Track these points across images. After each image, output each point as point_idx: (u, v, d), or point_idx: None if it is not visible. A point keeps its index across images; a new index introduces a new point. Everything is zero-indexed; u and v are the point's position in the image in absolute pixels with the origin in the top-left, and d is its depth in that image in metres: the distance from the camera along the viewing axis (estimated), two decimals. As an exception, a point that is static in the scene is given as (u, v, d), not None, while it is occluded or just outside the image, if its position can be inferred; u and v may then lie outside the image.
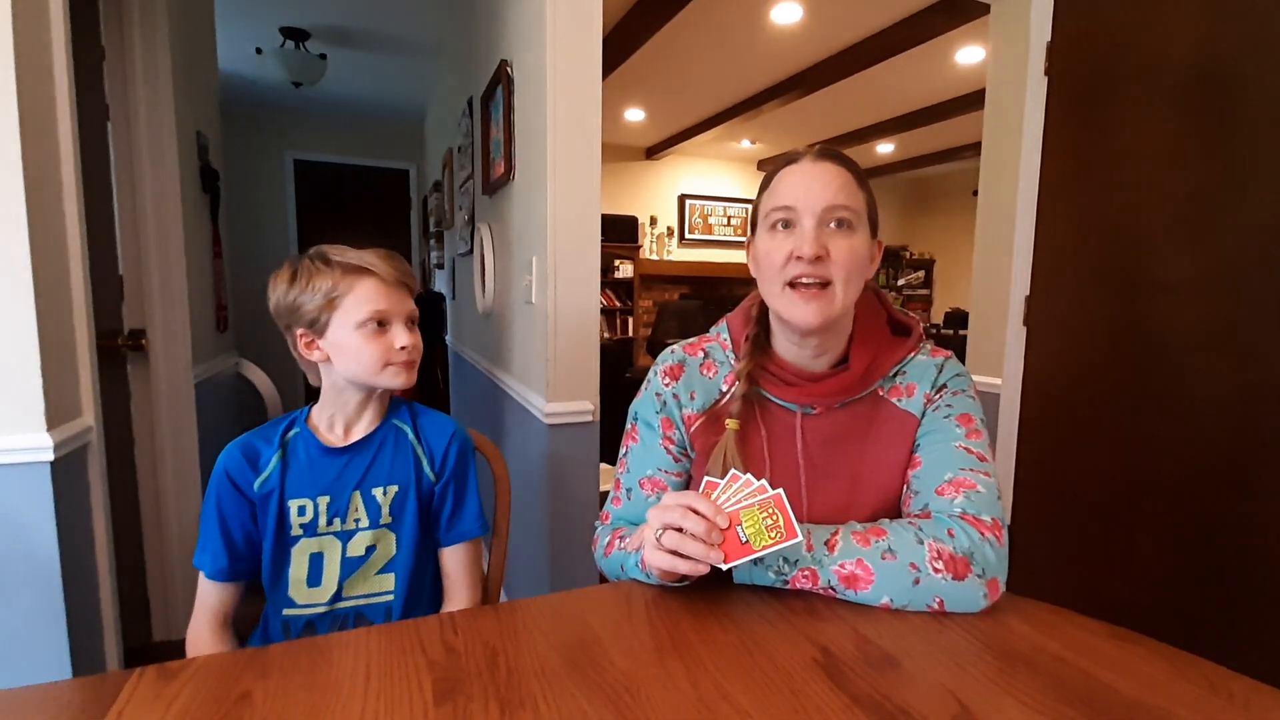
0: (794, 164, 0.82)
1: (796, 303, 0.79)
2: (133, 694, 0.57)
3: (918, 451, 0.81)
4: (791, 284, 0.79)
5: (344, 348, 0.90)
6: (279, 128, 4.86)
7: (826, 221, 0.78)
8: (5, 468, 1.10)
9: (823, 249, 0.77)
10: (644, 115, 4.90)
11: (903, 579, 0.70)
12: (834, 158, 0.81)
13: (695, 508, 0.68)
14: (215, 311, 2.35)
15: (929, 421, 0.82)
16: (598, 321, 1.60)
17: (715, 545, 0.67)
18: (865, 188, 0.82)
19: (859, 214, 0.79)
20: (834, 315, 0.79)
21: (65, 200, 1.21)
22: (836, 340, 0.85)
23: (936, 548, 0.71)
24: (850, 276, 0.78)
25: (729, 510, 0.69)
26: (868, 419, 0.84)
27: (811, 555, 0.73)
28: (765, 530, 0.67)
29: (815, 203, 0.78)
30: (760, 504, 0.68)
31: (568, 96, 1.52)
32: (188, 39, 2.05)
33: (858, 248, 0.79)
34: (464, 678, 0.60)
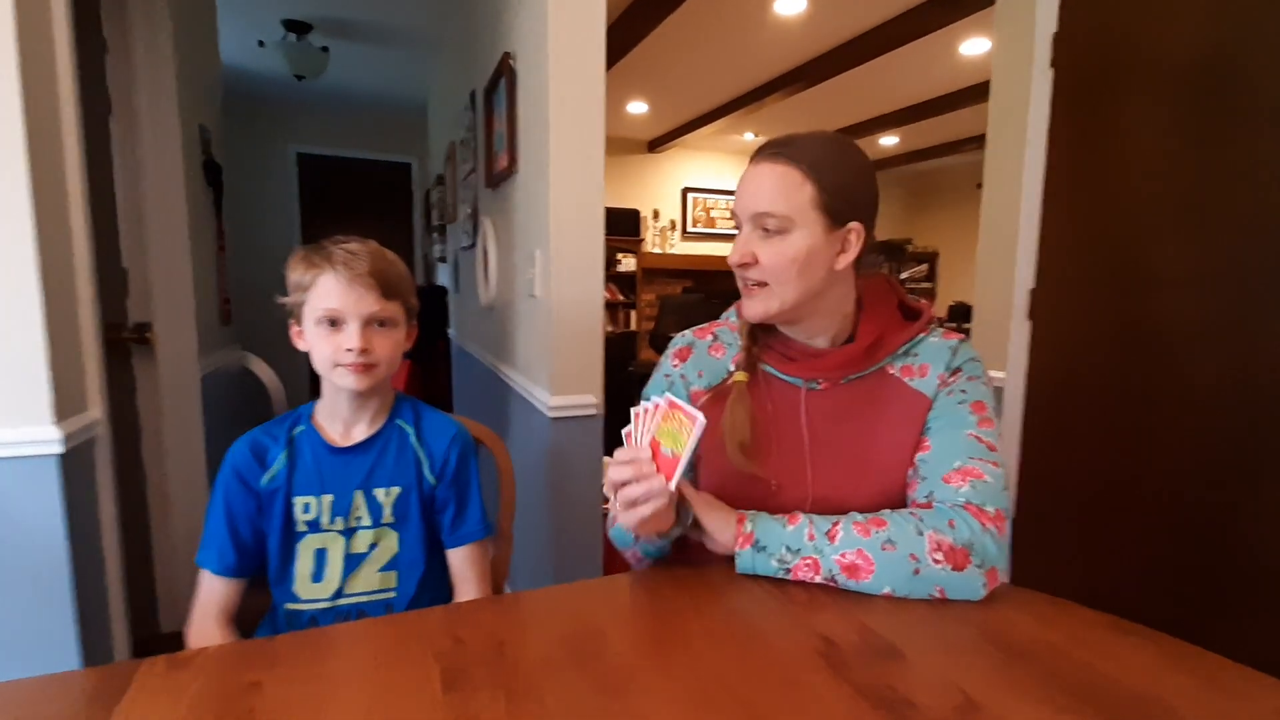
0: (749, 165, 0.84)
1: (743, 299, 0.85)
2: (144, 683, 0.58)
3: (928, 435, 0.81)
4: (741, 281, 0.85)
5: (311, 342, 0.90)
6: (282, 121, 4.85)
7: (759, 227, 0.80)
8: (14, 460, 1.11)
9: (750, 257, 0.80)
10: (646, 108, 4.88)
11: (903, 569, 0.71)
12: (774, 156, 0.80)
13: (618, 459, 0.72)
14: (220, 305, 2.36)
15: (941, 405, 0.82)
16: (601, 314, 1.60)
17: (651, 475, 0.70)
18: (817, 180, 0.78)
19: (793, 216, 0.78)
20: (776, 310, 0.82)
21: (70, 194, 1.21)
22: (826, 323, 0.86)
23: (937, 539, 0.72)
24: (783, 278, 0.80)
25: (647, 442, 0.71)
26: (876, 396, 0.84)
27: (813, 544, 0.74)
28: (678, 435, 0.69)
29: (746, 209, 0.81)
30: (664, 418, 0.70)
31: (571, 89, 1.51)
32: (190, 31, 2.05)
33: (789, 250, 0.79)
34: (471, 667, 0.60)
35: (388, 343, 0.92)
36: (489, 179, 2.21)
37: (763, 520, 0.77)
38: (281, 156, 4.90)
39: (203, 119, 2.17)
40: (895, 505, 0.80)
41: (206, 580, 0.90)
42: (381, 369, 0.92)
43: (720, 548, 0.78)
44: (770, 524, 0.76)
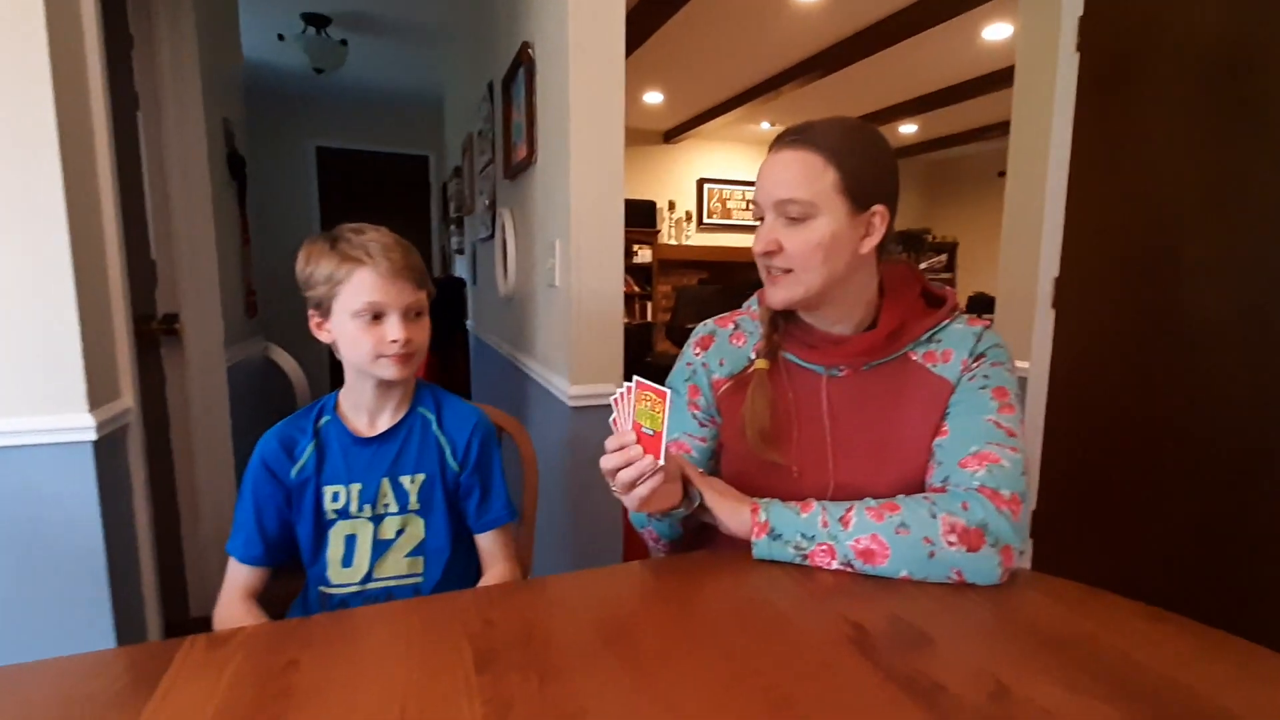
0: (768, 153, 0.83)
1: (766, 286, 0.85)
2: (186, 660, 0.60)
3: (947, 420, 0.81)
4: (764, 269, 0.84)
5: (343, 335, 0.91)
6: (301, 115, 4.89)
7: (781, 214, 0.80)
8: (51, 447, 1.13)
9: (774, 245, 0.80)
10: (662, 98, 4.86)
11: (918, 552, 0.72)
12: (794, 142, 0.80)
13: (607, 447, 0.73)
14: (244, 297, 2.39)
15: (963, 390, 0.82)
16: (621, 304, 1.60)
17: (638, 457, 0.71)
18: (839, 165, 0.78)
19: (816, 202, 0.78)
20: (801, 297, 0.81)
21: (101, 187, 1.24)
22: (848, 310, 0.86)
23: (950, 521, 0.72)
24: (808, 264, 0.79)
25: (630, 426, 0.72)
26: (898, 382, 0.84)
27: (827, 531, 0.74)
28: (652, 414, 0.70)
29: (768, 197, 0.81)
30: (637, 399, 0.71)
31: (590, 78, 1.51)
32: (212, 25, 2.07)
33: (814, 236, 0.78)
34: (502, 649, 0.61)
35: (422, 331, 0.94)
36: (507, 170, 2.21)
37: (776, 508, 0.77)
38: (301, 150, 4.95)
39: (226, 112, 2.20)
40: (916, 491, 0.79)
41: (233, 566, 0.92)
42: (418, 356, 0.94)
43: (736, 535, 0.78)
44: (784, 511, 0.77)
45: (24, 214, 1.09)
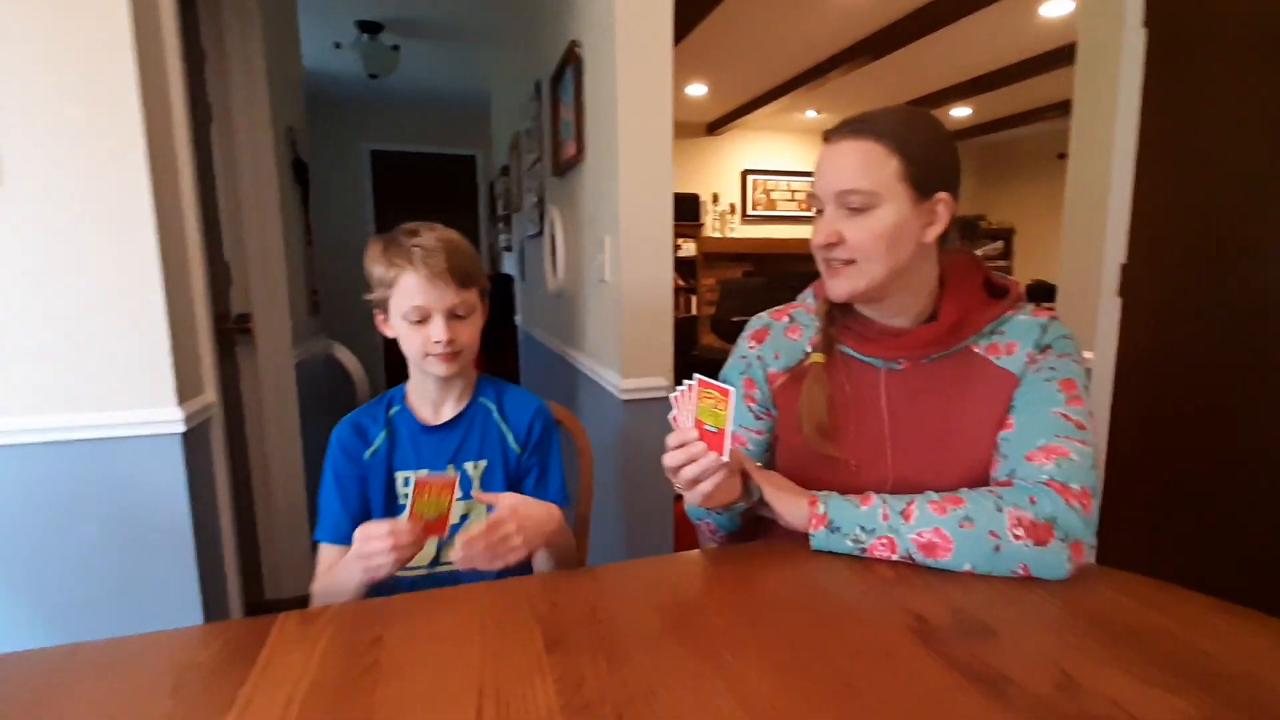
0: (824, 145, 0.83)
1: (827, 280, 0.84)
2: (281, 634, 0.64)
3: (1012, 413, 0.80)
4: (824, 261, 0.83)
5: (398, 333, 0.96)
6: (355, 120, 5.07)
7: (842, 205, 0.79)
8: (145, 439, 1.23)
9: (836, 236, 0.79)
10: (706, 90, 4.83)
11: (983, 546, 0.71)
12: (852, 132, 0.79)
13: (669, 445, 0.74)
14: (309, 296, 2.50)
15: (1029, 383, 0.80)
16: (671, 298, 1.62)
17: (702, 453, 0.72)
18: (902, 152, 0.77)
19: (879, 191, 0.77)
20: (864, 288, 0.81)
21: (183, 196, 1.32)
22: (909, 301, 0.85)
23: (1017, 514, 0.71)
24: (872, 255, 0.79)
25: (692, 423, 0.73)
26: (960, 375, 0.83)
27: (888, 524, 0.74)
28: (715, 411, 0.71)
29: (828, 188, 0.80)
30: (700, 397, 0.72)
31: (638, 75, 1.53)
32: (276, 37, 2.17)
33: (878, 226, 0.78)
34: (569, 631, 0.64)
35: (468, 329, 0.97)
36: (556, 167, 2.25)
37: (835, 500, 0.77)
38: (356, 153, 5.12)
39: (290, 120, 2.30)
40: (978, 486, 0.78)
41: (324, 550, 0.97)
42: (466, 354, 0.98)
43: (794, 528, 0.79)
44: (843, 504, 0.77)
45: (118, 224, 1.18)
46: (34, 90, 1.11)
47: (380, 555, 0.77)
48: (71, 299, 1.17)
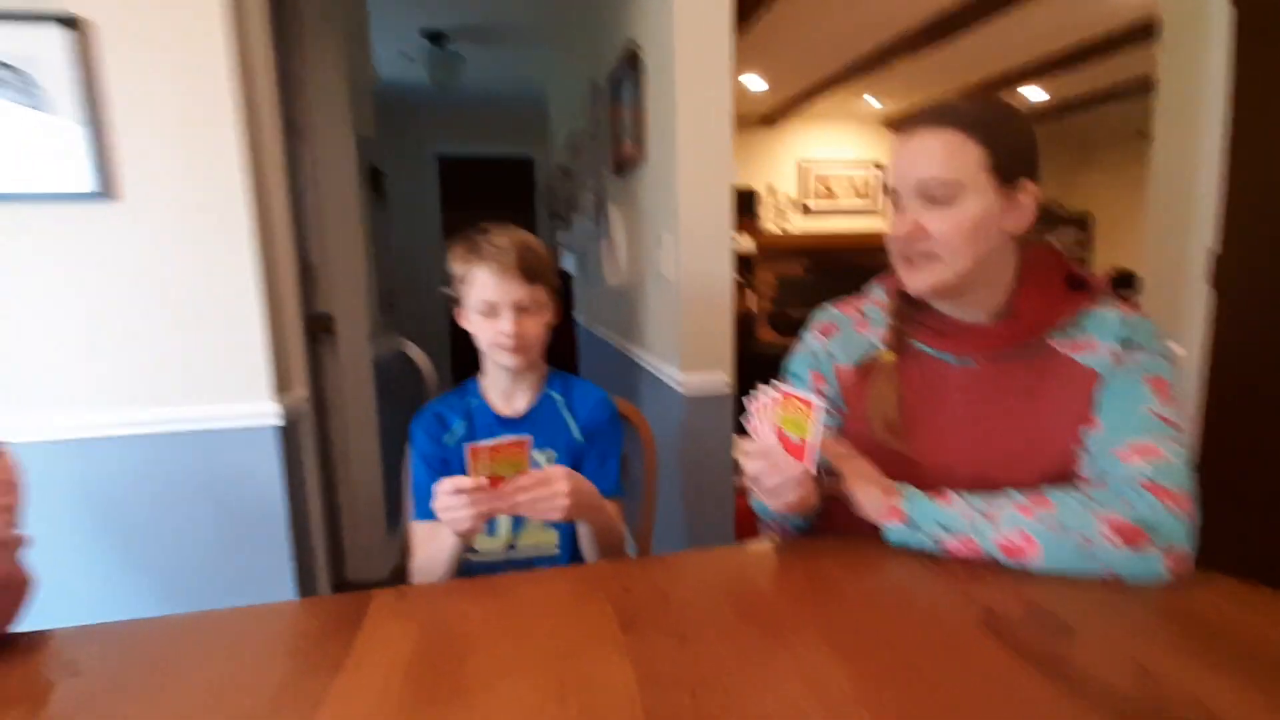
0: (899, 137, 0.81)
1: (906, 274, 0.82)
2: (379, 608, 0.70)
3: (1098, 412, 0.77)
4: (902, 255, 0.81)
5: (472, 325, 1.02)
6: (422, 125, 5.27)
7: (924, 197, 0.77)
8: (246, 430, 1.33)
9: (918, 228, 0.78)
10: (762, 81, 4.78)
11: (1071, 549, 0.69)
12: (936, 121, 0.77)
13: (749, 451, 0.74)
14: (383, 296, 2.64)
15: (1115, 380, 0.78)
16: (731, 294, 1.63)
17: (785, 464, 0.72)
18: (984, 141, 0.76)
19: (963, 181, 0.76)
20: (947, 282, 0.79)
21: (276, 206, 1.42)
22: (987, 295, 0.83)
23: (1109, 517, 0.68)
24: (956, 247, 0.77)
25: (773, 432, 0.72)
26: (1037, 373, 0.81)
27: (969, 523, 0.72)
28: (799, 421, 0.71)
29: (909, 178, 0.78)
30: (783, 407, 0.71)
31: (698, 71, 1.54)
32: (353, 54, 2.29)
33: (961, 217, 0.76)
34: (642, 613, 0.67)
35: (535, 323, 1.02)
36: (615, 166, 2.29)
37: (915, 496, 0.76)
38: (423, 159, 5.33)
39: (365, 131, 2.43)
40: (1056, 484, 0.76)
41: (419, 529, 1.01)
42: (533, 347, 1.03)
43: (871, 519, 0.79)
44: (923, 501, 0.75)
45: (221, 232, 1.28)
46: (149, 116, 1.23)
47: (458, 509, 0.79)
48: (182, 302, 1.28)
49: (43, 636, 0.66)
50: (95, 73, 1.19)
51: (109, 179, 1.21)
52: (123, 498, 1.30)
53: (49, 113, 1.17)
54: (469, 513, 0.79)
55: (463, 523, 0.80)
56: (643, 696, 0.54)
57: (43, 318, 1.24)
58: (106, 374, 1.27)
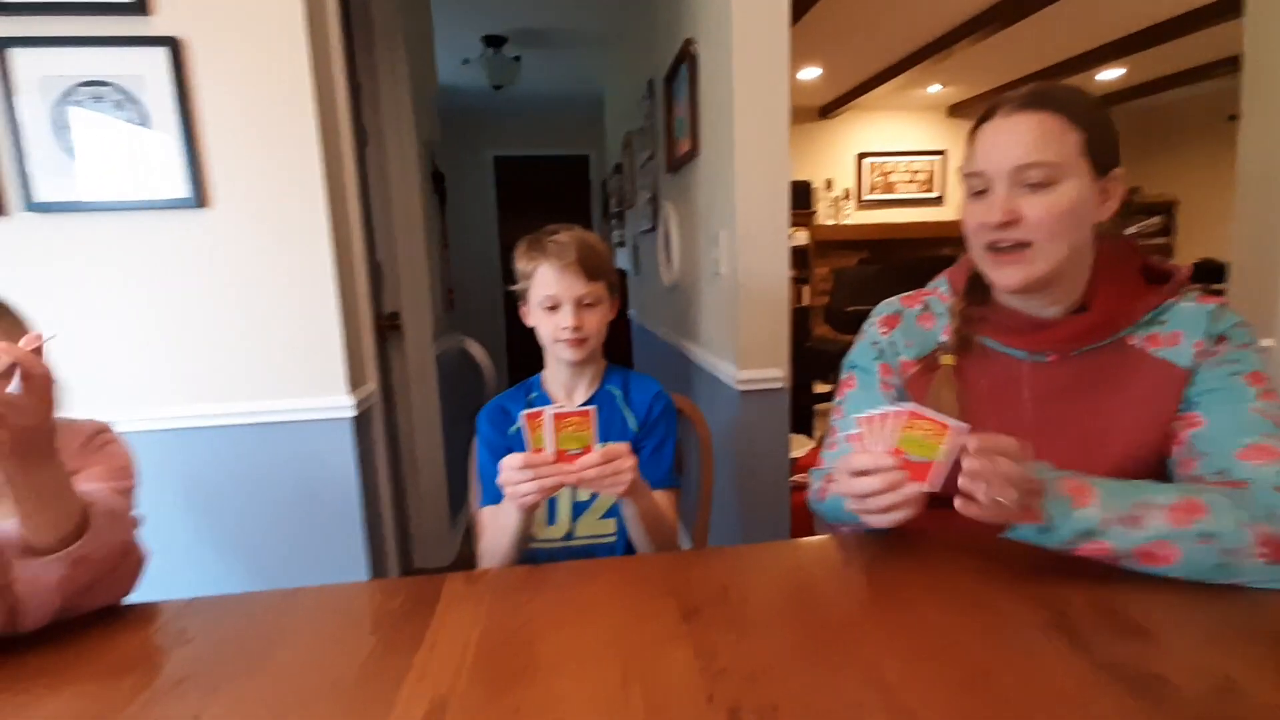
0: (988, 120, 0.78)
1: (995, 266, 0.79)
2: (451, 591, 0.74)
3: (1197, 410, 0.74)
4: (990, 246, 0.78)
5: (535, 320, 1.06)
6: (481, 128, 5.42)
7: (1019, 182, 0.75)
8: (322, 422, 1.41)
9: (1013, 214, 0.75)
10: (819, 72, 4.69)
11: (1211, 560, 0.65)
12: (1033, 104, 0.75)
13: (858, 469, 0.69)
14: (445, 295, 2.74)
15: (1209, 377, 0.75)
16: (787, 290, 1.62)
17: (903, 484, 0.67)
18: (1082, 126, 0.74)
19: (1063, 165, 0.73)
20: (1039, 275, 0.76)
21: (350, 210, 1.50)
22: (1068, 289, 0.80)
23: (1262, 530, 0.64)
24: (1053, 235, 0.74)
25: (888, 449, 0.68)
26: (1115, 369, 0.78)
27: (1109, 530, 0.66)
28: (927, 443, 0.68)
29: (1003, 164, 0.75)
30: (906, 425, 0.67)
31: (755, 66, 1.54)
32: (417, 62, 2.38)
33: (1060, 204, 0.73)
34: (702, 604, 0.69)
35: (595, 318, 1.05)
36: (670, 164, 2.30)
37: (1057, 497, 0.67)
38: (480, 161, 5.48)
39: (429, 135, 2.52)
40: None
41: (487, 514, 1.06)
42: (592, 341, 1.06)
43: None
44: (1064, 503, 0.67)
45: (301, 236, 1.36)
46: (236, 128, 1.31)
47: (522, 482, 0.79)
48: (268, 302, 1.37)
49: (155, 608, 0.73)
50: (190, 89, 1.28)
51: (201, 188, 1.31)
52: (216, 483, 1.40)
53: (151, 128, 1.27)
54: (532, 485, 0.79)
55: (527, 497, 0.80)
56: (704, 684, 0.56)
57: (146, 317, 1.34)
58: (202, 369, 1.37)
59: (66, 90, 1.24)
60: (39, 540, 0.65)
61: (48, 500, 0.65)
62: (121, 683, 0.59)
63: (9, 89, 1.22)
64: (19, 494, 0.64)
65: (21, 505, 0.64)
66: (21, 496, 0.64)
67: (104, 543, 0.69)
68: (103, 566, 0.70)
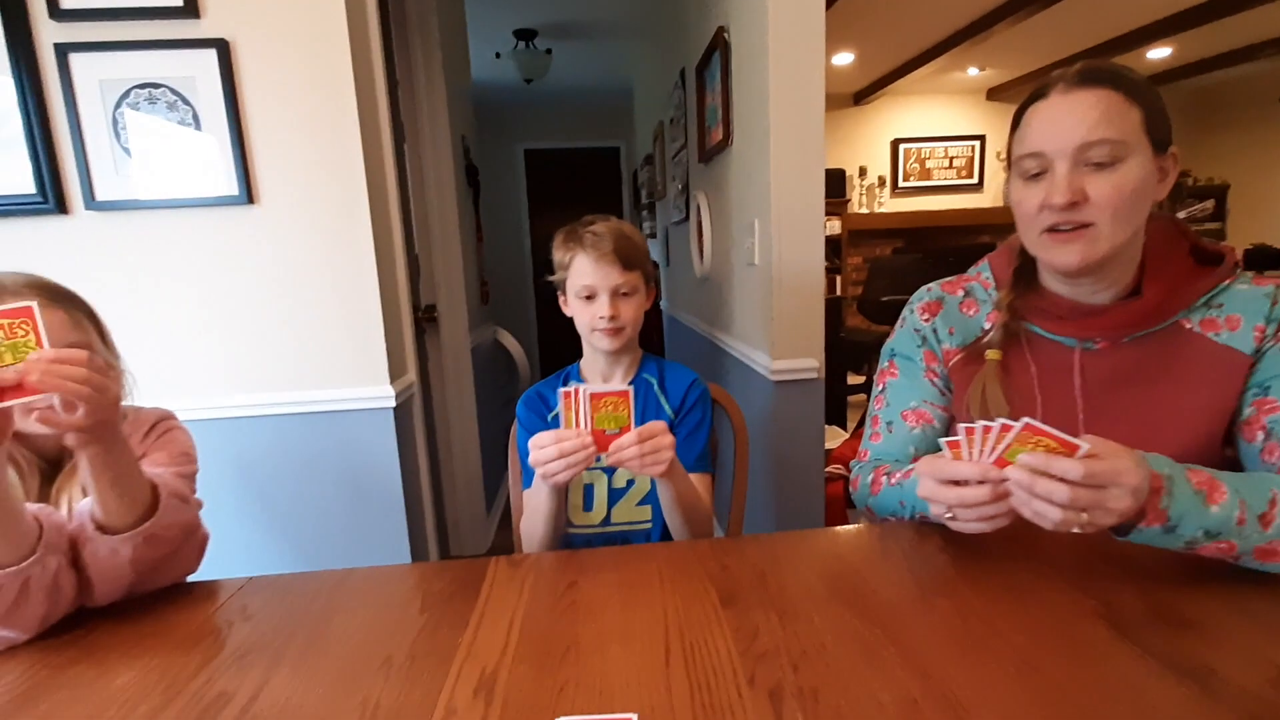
0: (1042, 99, 0.75)
1: (1053, 247, 0.76)
2: (495, 574, 0.76)
3: (1272, 394, 0.72)
4: (1049, 229, 0.75)
5: (573, 310, 1.08)
6: (512, 122, 5.46)
7: (1083, 160, 0.72)
8: (364, 411, 1.46)
9: (1078, 194, 0.72)
10: (853, 58, 4.61)
11: None
12: (1092, 80, 0.72)
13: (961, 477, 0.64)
14: (479, 287, 2.78)
15: (1275, 360, 0.73)
16: (822, 279, 1.61)
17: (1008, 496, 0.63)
18: (1141, 102, 0.72)
19: (1127, 142, 0.71)
20: (1100, 256, 0.74)
21: (390, 206, 1.54)
22: (1120, 273, 0.78)
23: None
24: (1118, 215, 0.72)
25: (993, 460, 0.64)
26: (1169, 354, 0.77)
27: (1241, 530, 0.62)
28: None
29: (1066, 143, 0.72)
30: (1018, 439, 0.62)
31: (789, 53, 1.52)
32: (452, 60, 2.41)
33: (1125, 182, 0.71)
34: (741, 590, 0.70)
35: (631, 308, 1.06)
36: (701, 154, 2.29)
37: (1181, 495, 0.61)
38: (512, 155, 5.52)
39: (463, 130, 2.56)
40: None
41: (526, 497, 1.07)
42: (628, 330, 1.07)
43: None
44: (1190, 501, 0.62)
45: (343, 232, 1.40)
46: (281, 129, 1.35)
47: (553, 462, 0.79)
48: (313, 296, 1.41)
49: (216, 585, 0.77)
50: (238, 89, 1.32)
51: (250, 185, 1.35)
52: (266, 469, 1.45)
53: (201, 128, 1.32)
54: (560, 463, 0.79)
55: (557, 475, 0.80)
56: (745, 666, 0.56)
57: (200, 311, 1.40)
58: (252, 360, 1.42)
59: (123, 93, 1.29)
60: (112, 520, 0.69)
61: (122, 483, 0.69)
62: (190, 655, 0.63)
63: (72, 93, 1.28)
64: (96, 477, 0.68)
65: (97, 487, 0.68)
66: (98, 479, 0.68)
67: (171, 522, 0.73)
68: (170, 545, 0.74)
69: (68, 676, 0.60)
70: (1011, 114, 0.81)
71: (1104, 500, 0.59)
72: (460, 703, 0.54)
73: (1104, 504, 0.59)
